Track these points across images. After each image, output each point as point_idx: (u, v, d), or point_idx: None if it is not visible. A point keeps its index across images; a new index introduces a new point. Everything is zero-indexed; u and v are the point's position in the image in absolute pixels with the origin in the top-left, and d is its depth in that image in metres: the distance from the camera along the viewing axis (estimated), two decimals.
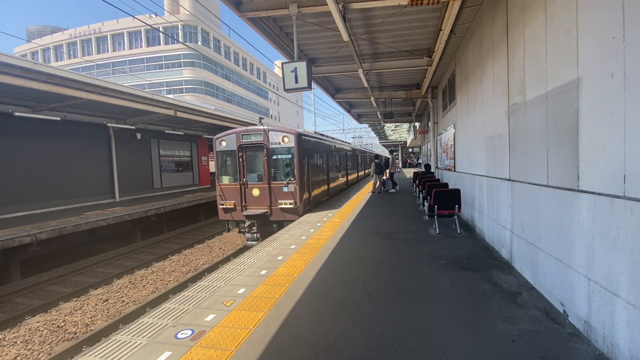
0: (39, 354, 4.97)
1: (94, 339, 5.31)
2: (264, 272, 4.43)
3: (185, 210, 13.20)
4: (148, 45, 42.66)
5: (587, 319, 2.51)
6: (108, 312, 6.25)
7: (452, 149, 8.79)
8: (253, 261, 4.97)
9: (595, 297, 2.39)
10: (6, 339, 5.36)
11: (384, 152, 53.70)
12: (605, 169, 2.24)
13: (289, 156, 9.06)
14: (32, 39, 47.68)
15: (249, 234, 9.09)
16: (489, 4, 5.03)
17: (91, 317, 6.05)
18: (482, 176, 5.66)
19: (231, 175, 9.33)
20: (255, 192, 9.07)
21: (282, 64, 5.49)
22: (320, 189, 11.35)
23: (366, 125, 30.27)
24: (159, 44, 42.35)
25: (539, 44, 3.22)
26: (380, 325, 2.86)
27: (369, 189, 15.00)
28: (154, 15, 27.64)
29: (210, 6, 38.10)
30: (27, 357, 4.91)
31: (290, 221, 8.58)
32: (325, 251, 5.28)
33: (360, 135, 52.47)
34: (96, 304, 6.57)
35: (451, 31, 6.06)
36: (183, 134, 17.70)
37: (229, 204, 9.20)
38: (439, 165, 11.90)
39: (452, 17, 5.38)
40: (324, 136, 13.53)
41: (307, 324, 2.95)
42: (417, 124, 20.95)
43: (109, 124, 13.17)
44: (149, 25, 17.93)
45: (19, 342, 5.25)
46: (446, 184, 8.25)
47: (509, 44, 4.11)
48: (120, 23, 42.25)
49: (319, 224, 7.64)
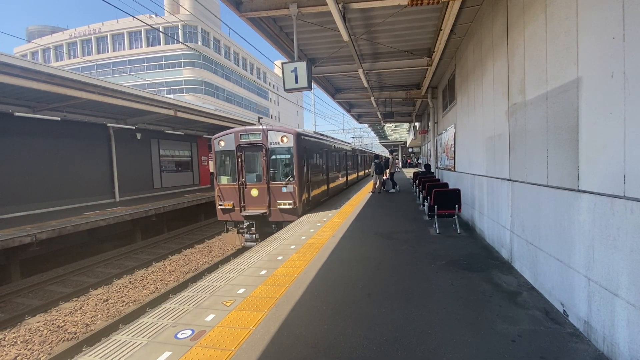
0: (39, 354, 4.98)
1: (94, 339, 5.31)
2: (264, 272, 4.43)
3: (185, 210, 13.20)
4: (148, 45, 42.63)
5: (587, 319, 2.51)
6: (108, 312, 6.25)
7: (452, 149, 8.79)
8: (253, 261, 4.97)
9: (595, 297, 2.40)
10: (6, 339, 5.36)
11: (384, 152, 53.68)
12: (605, 169, 2.24)
13: (288, 156, 9.02)
14: (32, 39, 47.66)
15: (247, 235, 9.07)
16: (489, 4, 5.03)
17: (91, 317, 6.05)
18: (482, 176, 5.66)
19: (230, 175, 9.31)
20: (254, 192, 9.04)
21: (282, 64, 5.50)
22: (319, 189, 11.31)
23: (366, 125, 30.25)
24: (159, 44, 42.33)
25: (539, 44, 3.22)
26: (380, 325, 2.86)
27: (368, 189, 15.00)
28: (154, 15, 27.61)
29: (210, 6, 38.10)
30: (27, 357, 4.91)
31: (289, 222, 8.56)
32: (325, 251, 5.28)
33: (360, 135, 52.46)
34: (96, 304, 6.58)
35: (451, 31, 6.06)
36: (183, 134, 17.70)
37: (227, 204, 9.17)
38: (439, 165, 11.89)
39: (452, 17, 5.39)
40: (323, 136, 13.50)
41: (307, 324, 2.95)
42: (417, 124, 20.94)
43: (109, 124, 13.17)
44: (149, 25, 17.93)
45: (19, 342, 5.25)
46: (446, 184, 8.25)
47: (509, 44, 4.11)
48: (120, 23, 42.23)
49: (318, 224, 7.64)
